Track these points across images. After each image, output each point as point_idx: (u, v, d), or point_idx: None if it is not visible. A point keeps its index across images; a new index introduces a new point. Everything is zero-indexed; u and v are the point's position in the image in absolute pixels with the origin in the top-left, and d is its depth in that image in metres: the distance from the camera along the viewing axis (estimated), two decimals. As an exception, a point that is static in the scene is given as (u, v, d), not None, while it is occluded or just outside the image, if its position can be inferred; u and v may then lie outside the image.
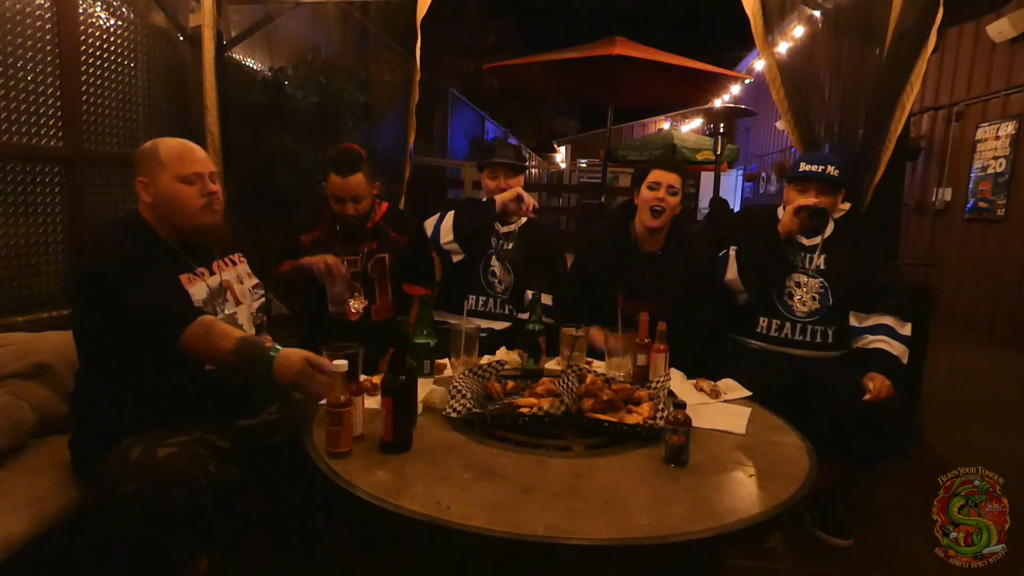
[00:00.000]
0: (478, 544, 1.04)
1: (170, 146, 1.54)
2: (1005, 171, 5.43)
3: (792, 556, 2.04)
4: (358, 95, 3.45)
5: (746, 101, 10.11)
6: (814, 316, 2.13)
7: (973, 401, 3.77)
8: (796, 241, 2.20)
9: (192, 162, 1.54)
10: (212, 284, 1.58)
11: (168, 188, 1.51)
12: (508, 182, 2.46)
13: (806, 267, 2.18)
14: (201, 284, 1.55)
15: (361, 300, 2.19)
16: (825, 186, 2.14)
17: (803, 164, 2.18)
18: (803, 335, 2.14)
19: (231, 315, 1.60)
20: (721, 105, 7.48)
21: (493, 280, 2.46)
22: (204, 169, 1.55)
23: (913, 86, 2.38)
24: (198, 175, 1.53)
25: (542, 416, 1.44)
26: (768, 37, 2.55)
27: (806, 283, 2.15)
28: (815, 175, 2.14)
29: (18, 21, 2.22)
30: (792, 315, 2.15)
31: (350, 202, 2.16)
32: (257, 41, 3.36)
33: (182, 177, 1.51)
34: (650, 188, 2.21)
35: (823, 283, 2.14)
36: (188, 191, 1.52)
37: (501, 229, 2.50)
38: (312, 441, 1.33)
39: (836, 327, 2.14)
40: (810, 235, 2.20)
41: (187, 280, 1.53)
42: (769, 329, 2.18)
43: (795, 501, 1.18)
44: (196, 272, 1.56)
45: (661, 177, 2.21)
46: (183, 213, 1.53)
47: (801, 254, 2.19)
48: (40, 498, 1.48)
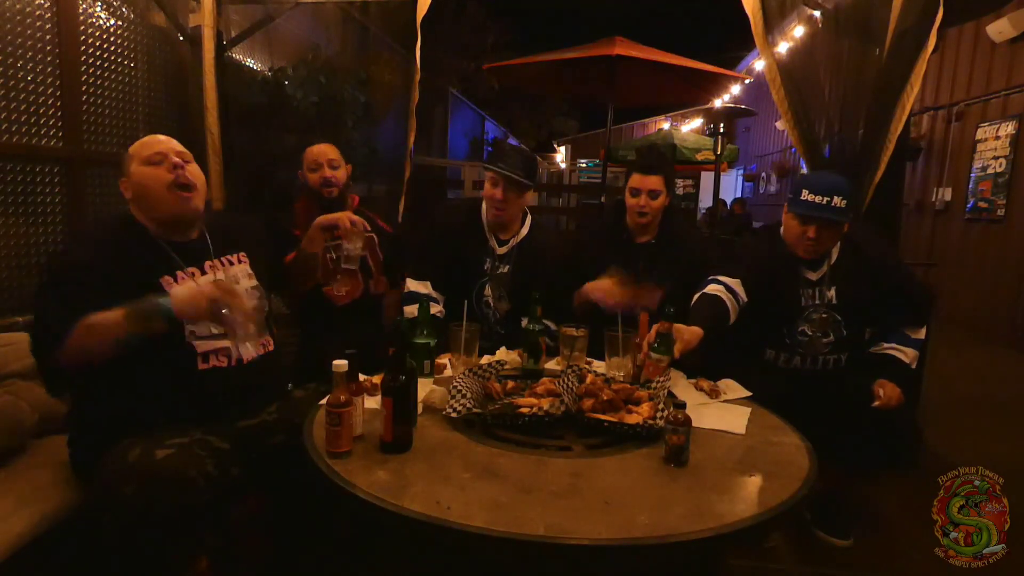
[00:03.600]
0: (478, 544, 1.04)
1: (138, 141, 1.59)
2: (1005, 171, 5.43)
3: (792, 556, 2.04)
4: (358, 95, 3.45)
5: (746, 101, 10.11)
6: (826, 348, 2.03)
7: (973, 401, 3.77)
8: (802, 276, 2.03)
9: (153, 143, 1.57)
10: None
11: (137, 175, 1.54)
12: (506, 196, 2.14)
13: (816, 303, 2.02)
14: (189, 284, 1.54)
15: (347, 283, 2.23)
16: (827, 222, 1.91)
17: (806, 192, 1.90)
18: (814, 364, 2.05)
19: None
20: (721, 105, 7.48)
21: (487, 311, 2.24)
22: (168, 149, 1.57)
23: (913, 86, 2.38)
24: (161, 154, 1.55)
25: (542, 416, 1.44)
26: (768, 37, 2.55)
27: (818, 320, 2.01)
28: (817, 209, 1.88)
29: (18, 21, 2.22)
30: (802, 349, 2.04)
31: (326, 166, 2.26)
32: (257, 41, 3.36)
33: (145, 159, 1.54)
34: (632, 194, 2.18)
35: (835, 317, 2.01)
36: (154, 171, 1.54)
37: (497, 249, 2.24)
38: (312, 441, 1.33)
39: (850, 352, 2.06)
40: (814, 267, 2.03)
41: (169, 282, 1.52)
42: (777, 361, 2.08)
43: (795, 501, 1.18)
44: (186, 272, 1.56)
45: (640, 183, 2.15)
46: (155, 196, 1.54)
47: (809, 290, 2.03)
48: (40, 498, 1.48)
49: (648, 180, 2.15)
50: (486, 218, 2.25)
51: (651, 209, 2.16)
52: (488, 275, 2.23)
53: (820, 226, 1.92)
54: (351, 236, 1.96)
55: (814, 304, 2.03)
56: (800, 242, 1.97)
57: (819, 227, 1.92)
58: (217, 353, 1.56)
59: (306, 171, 2.30)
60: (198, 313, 1.38)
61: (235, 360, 1.59)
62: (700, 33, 17.94)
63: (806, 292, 2.03)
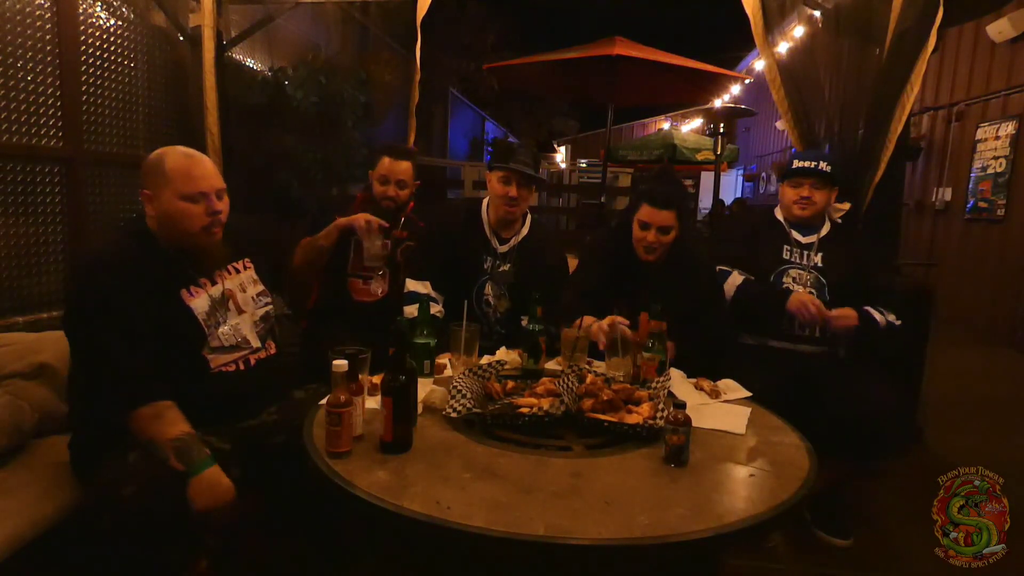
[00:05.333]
0: (478, 544, 1.04)
1: (176, 160, 1.49)
2: (1005, 171, 5.43)
3: (792, 556, 2.04)
4: (358, 95, 3.45)
5: (746, 101, 10.11)
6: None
7: (973, 401, 3.77)
8: (792, 238, 2.24)
9: (197, 179, 1.49)
10: (214, 294, 1.58)
11: (170, 205, 1.48)
12: (519, 192, 2.15)
13: (803, 262, 2.20)
14: (203, 296, 1.55)
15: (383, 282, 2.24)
16: (818, 181, 2.19)
17: (796, 161, 2.24)
18: (802, 329, 2.15)
19: (234, 325, 1.60)
20: (721, 105, 7.49)
21: (487, 310, 2.25)
22: (209, 188, 1.51)
23: (913, 86, 2.38)
24: (202, 194, 1.49)
25: (542, 416, 1.44)
26: (768, 37, 2.55)
27: (802, 278, 2.17)
28: (808, 170, 2.19)
29: (18, 21, 2.22)
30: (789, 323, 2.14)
31: (393, 185, 2.27)
32: (257, 41, 3.37)
33: (185, 196, 1.47)
34: (641, 227, 2.06)
35: (819, 279, 2.16)
36: (191, 210, 1.49)
37: (498, 248, 2.25)
38: (312, 441, 1.33)
39: None
40: (806, 233, 2.24)
41: (188, 295, 1.53)
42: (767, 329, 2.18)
43: (795, 501, 1.18)
44: (199, 283, 1.56)
45: (651, 217, 2.02)
46: (183, 232, 1.50)
47: (798, 250, 2.22)
48: (40, 498, 1.48)
49: (660, 215, 2.01)
50: (491, 217, 2.26)
51: (660, 245, 2.05)
52: (489, 274, 2.24)
53: (811, 184, 2.20)
54: (368, 236, 2.10)
55: (800, 263, 2.21)
56: (796, 202, 2.22)
57: (811, 185, 2.20)
58: (226, 363, 1.57)
59: (375, 179, 2.29)
60: (205, 502, 1.33)
61: (243, 364, 1.60)
62: (700, 33, 17.93)
63: (793, 251, 2.23)
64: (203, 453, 1.36)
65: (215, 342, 1.55)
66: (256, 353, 1.65)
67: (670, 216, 2.02)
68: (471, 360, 1.81)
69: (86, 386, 1.53)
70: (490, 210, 2.26)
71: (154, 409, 1.38)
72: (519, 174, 2.13)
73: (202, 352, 1.53)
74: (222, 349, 1.56)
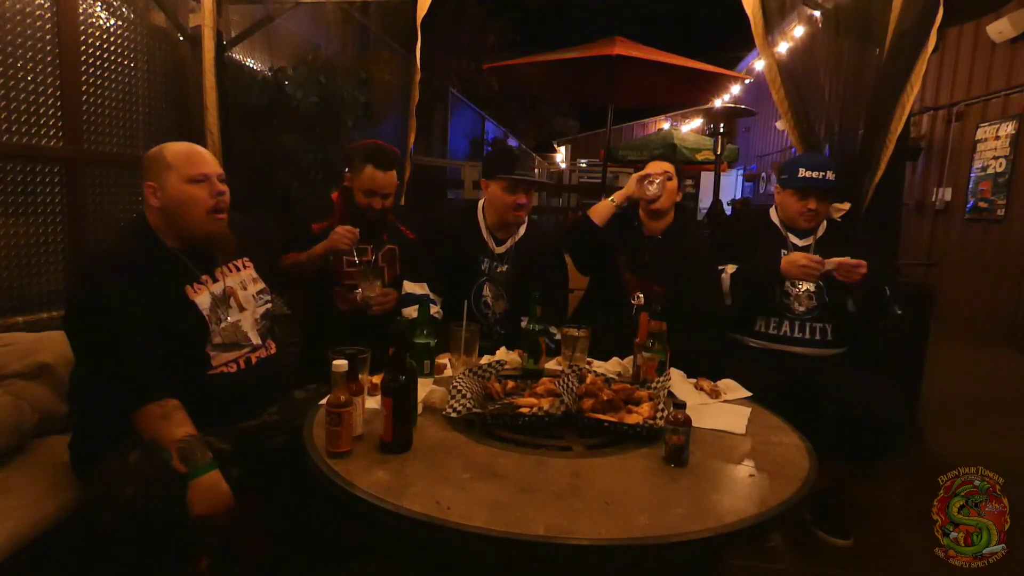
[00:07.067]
0: (478, 544, 1.04)
1: (176, 149, 1.54)
2: (1005, 171, 5.43)
3: (792, 556, 2.04)
4: (358, 95, 3.44)
5: (746, 101, 10.10)
6: (812, 313, 2.15)
7: (973, 401, 3.76)
8: (789, 242, 2.24)
9: (199, 163, 1.54)
10: (216, 291, 1.58)
11: (176, 190, 1.50)
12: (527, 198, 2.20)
13: None
14: (205, 293, 1.56)
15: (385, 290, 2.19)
16: (824, 192, 2.18)
17: (803, 170, 2.17)
18: (802, 332, 2.15)
19: (235, 322, 1.60)
20: (721, 105, 7.49)
21: (486, 311, 2.26)
22: (212, 171, 1.55)
23: (913, 86, 2.38)
24: (205, 176, 1.53)
25: (542, 416, 1.44)
26: (768, 37, 2.55)
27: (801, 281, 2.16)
28: (817, 182, 2.15)
29: (18, 21, 2.22)
30: (790, 313, 2.16)
31: (379, 197, 2.20)
32: (257, 41, 3.36)
33: (190, 178, 1.51)
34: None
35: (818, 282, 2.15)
36: (197, 192, 1.51)
37: (496, 249, 2.27)
38: (312, 441, 1.33)
39: (834, 324, 2.15)
40: (802, 235, 2.24)
41: (192, 291, 1.54)
42: (768, 327, 2.19)
43: (795, 501, 1.18)
44: (201, 280, 1.56)
45: (652, 168, 2.35)
46: (192, 216, 1.52)
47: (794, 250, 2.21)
48: (40, 498, 1.48)
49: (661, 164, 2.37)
50: (488, 219, 2.28)
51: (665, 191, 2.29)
52: (486, 275, 2.25)
53: (818, 197, 2.17)
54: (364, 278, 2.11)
55: None
56: (801, 214, 2.20)
57: (817, 198, 2.17)
58: (228, 361, 1.57)
59: (358, 189, 2.21)
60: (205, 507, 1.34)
61: (243, 364, 1.60)
62: (700, 33, 17.91)
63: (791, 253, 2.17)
64: (206, 457, 1.36)
65: (217, 339, 1.56)
66: (256, 351, 1.65)
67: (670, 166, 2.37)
68: (471, 360, 1.81)
69: (92, 384, 1.53)
70: (488, 212, 2.28)
71: (162, 408, 1.38)
72: (527, 182, 2.19)
73: (205, 349, 1.54)
74: (224, 346, 1.57)
